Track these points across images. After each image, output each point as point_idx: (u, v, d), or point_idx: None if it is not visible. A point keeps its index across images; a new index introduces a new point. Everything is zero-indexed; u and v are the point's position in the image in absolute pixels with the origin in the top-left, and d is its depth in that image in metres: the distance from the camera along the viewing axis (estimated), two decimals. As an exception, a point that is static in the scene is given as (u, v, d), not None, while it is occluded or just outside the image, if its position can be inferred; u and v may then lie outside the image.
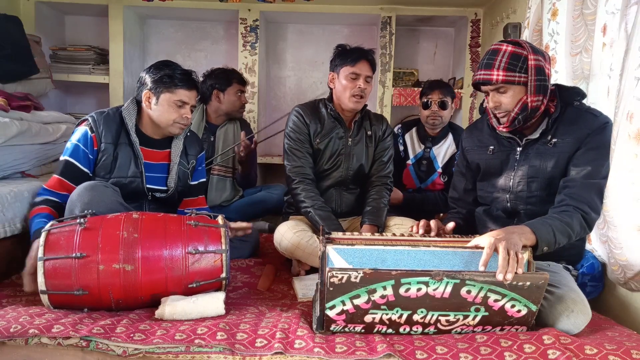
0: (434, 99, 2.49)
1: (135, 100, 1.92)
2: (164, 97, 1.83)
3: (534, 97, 1.53)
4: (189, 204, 2.04)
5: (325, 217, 1.99)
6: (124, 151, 1.85)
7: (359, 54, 2.05)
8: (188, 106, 1.87)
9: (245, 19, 3.27)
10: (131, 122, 1.86)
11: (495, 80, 1.52)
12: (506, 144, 1.68)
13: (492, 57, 1.53)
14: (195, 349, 1.24)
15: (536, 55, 1.52)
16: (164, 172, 1.94)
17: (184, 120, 1.87)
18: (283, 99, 3.70)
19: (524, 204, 1.64)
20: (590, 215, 1.50)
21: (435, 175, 2.60)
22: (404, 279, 1.25)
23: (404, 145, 2.65)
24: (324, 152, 2.12)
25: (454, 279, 1.26)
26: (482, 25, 3.24)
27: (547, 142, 1.59)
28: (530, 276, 1.27)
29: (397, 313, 1.31)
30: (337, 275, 1.25)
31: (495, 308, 1.31)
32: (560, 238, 1.42)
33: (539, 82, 1.51)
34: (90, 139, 1.81)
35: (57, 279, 1.39)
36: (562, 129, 1.57)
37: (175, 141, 1.96)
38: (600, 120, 1.54)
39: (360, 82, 2.04)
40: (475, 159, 1.77)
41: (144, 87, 1.85)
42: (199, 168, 2.08)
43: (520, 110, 1.54)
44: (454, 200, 1.91)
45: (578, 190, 1.50)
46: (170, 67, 1.85)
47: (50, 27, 3.36)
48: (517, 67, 1.51)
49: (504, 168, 1.68)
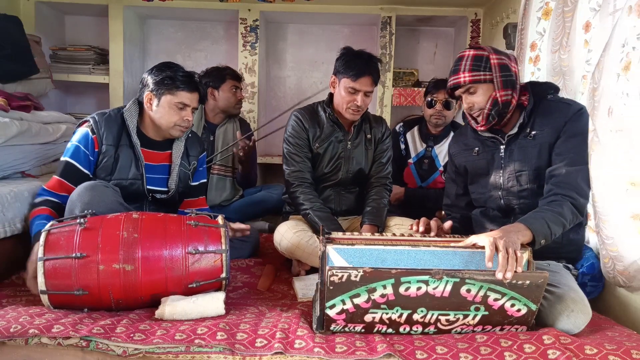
0: (439, 99, 2.48)
1: (137, 101, 1.91)
2: (165, 99, 1.82)
3: (502, 92, 1.60)
4: (190, 205, 2.04)
5: (325, 218, 1.99)
6: (125, 153, 1.84)
7: (361, 70, 1.98)
8: (189, 108, 1.86)
9: (245, 19, 3.27)
10: (133, 123, 1.85)
11: (463, 81, 1.61)
12: (489, 144, 1.73)
13: (458, 63, 1.64)
14: (195, 349, 1.24)
15: (498, 55, 1.62)
16: (164, 174, 1.93)
17: (185, 122, 1.86)
18: (283, 99, 3.70)
19: (517, 199, 1.67)
20: (579, 201, 1.53)
21: (436, 173, 2.60)
22: (404, 277, 1.26)
23: (405, 144, 2.65)
24: (323, 156, 2.13)
25: (453, 277, 1.26)
26: (482, 25, 3.24)
27: (527, 136, 1.64)
28: (529, 275, 1.28)
29: (397, 312, 1.31)
30: (337, 273, 1.25)
31: (495, 307, 1.31)
32: (554, 228, 1.44)
33: (504, 77, 1.60)
34: (91, 141, 1.81)
35: (57, 279, 1.39)
36: (539, 121, 1.63)
37: (177, 142, 1.95)
38: (574, 108, 1.60)
39: (358, 97, 2.01)
40: (462, 162, 1.82)
41: (146, 89, 1.85)
42: (200, 169, 2.07)
43: (492, 105, 1.61)
44: (448, 207, 1.95)
45: (564, 178, 1.54)
46: (172, 69, 1.84)
47: (50, 27, 3.36)
48: (480, 67, 1.60)
49: (491, 167, 1.73)
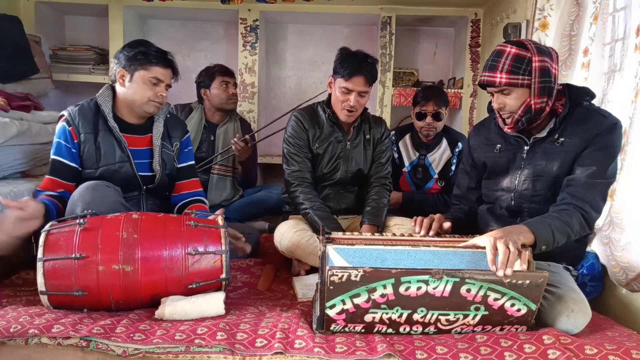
0: (428, 111, 2.45)
1: (110, 87, 1.89)
2: (138, 74, 1.80)
3: (538, 99, 1.52)
4: (182, 188, 2.01)
5: (325, 217, 1.99)
6: (105, 139, 1.82)
7: (353, 69, 1.96)
8: (163, 84, 1.83)
9: (245, 19, 3.27)
10: (107, 108, 1.83)
11: (499, 83, 1.52)
12: (513, 142, 1.67)
13: (496, 59, 1.53)
14: (195, 349, 1.24)
15: (541, 55, 1.50)
16: (149, 158, 1.91)
17: (159, 98, 1.83)
18: (283, 99, 3.70)
19: (528, 203, 1.63)
20: (591, 215, 1.49)
21: (432, 181, 2.59)
22: (404, 277, 1.26)
23: (398, 152, 2.63)
24: (322, 156, 2.13)
25: (453, 277, 1.26)
26: (482, 25, 3.24)
27: (555, 141, 1.58)
28: (529, 274, 1.27)
29: (397, 312, 1.31)
30: (337, 273, 1.25)
31: (495, 307, 1.31)
32: (559, 237, 1.41)
33: (543, 84, 1.50)
34: (69, 133, 1.80)
35: (57, 280, 1.39)
36: (570, 129, 1.56)
37: (156, 124, 1.93)
38: (609, 121, 1.52)
39: (351, 97, 1.99)
40: (482, 157, 1.77)
41: (118, 66, 1.82)
42: (185, 150, 2.03)
43: (524, 112, 1.54)
44: (457, 198, 1.91)
45: (580, 190, 1.49)
46: (145, 45, 1.83)
47: (50, 27, 3.36)
48: (520, 70, 1.50)
49: (511, 167, 1.68)
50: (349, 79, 1.97)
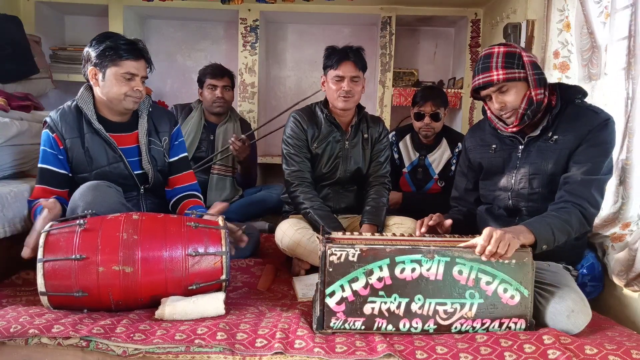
0: (426, 111, 2.46)
1: (88, 87, 1.82)
2: (110, 71, 1.71)
3: (537, 90, 1.54)
4: (176, 182, 1.96)
5: (325, 217, 1.99)
6: (93, 141, 1.76)
7: (340, 56, 2.04)
8: (138, 78, 1.75)
9: (245, 19, 3.27)
10: (89, 109, 1.77)
11: (497, 79, 1.53)
12: (508, 142, 1.69)
13: (487, 61, 1.55)
14: (195, 349, 1.24)
15: (527, 53, 1.56)
16: (138, 155, 1.85)
17: (137, 93, 1.75)
18: (283, 99, 3.70)
19: (526, 202, 1.64)
20: (589, 211, 1.50)
21: (432, 182, 2.60)
22: (398, 257, 1.32)
23: (398, 153, 2.64)
24: (321, 156, 2.13)
25: (444, 256, 1.33)
26: (482, 25, 3.24)
27: (549, 139, 1.59)
28: (514, 254, 1.33)
29: (396, 301, 1.33)
30: (336, 252, 1.31)
31: (489, 293, 1.34)
32: (559, 236, 1.42)
33: (537, 75, 1.54)
34: (53, 140, 1.75)
35: (57, 281, 1.39)
36: (563, 126, 1.58)
37: (141, 121, 1.86)
38: (601, 117, 1.54)
39: (344, 83, 2.04)
40: (478, 158, 1.78)
41: (89, 64, 1.74)
42: (175, 143, 1.97)
43: (528, 105, 1.55)
44: (455, 200, 1.92)
45: (578, 187, 1.51)
46: (112, 39, 1.72)
47: (50, 27, 3.36)
48: (514, 64, 1.52)
49: (507, 166, 1.69)
50: (338, 66, 2.03)
